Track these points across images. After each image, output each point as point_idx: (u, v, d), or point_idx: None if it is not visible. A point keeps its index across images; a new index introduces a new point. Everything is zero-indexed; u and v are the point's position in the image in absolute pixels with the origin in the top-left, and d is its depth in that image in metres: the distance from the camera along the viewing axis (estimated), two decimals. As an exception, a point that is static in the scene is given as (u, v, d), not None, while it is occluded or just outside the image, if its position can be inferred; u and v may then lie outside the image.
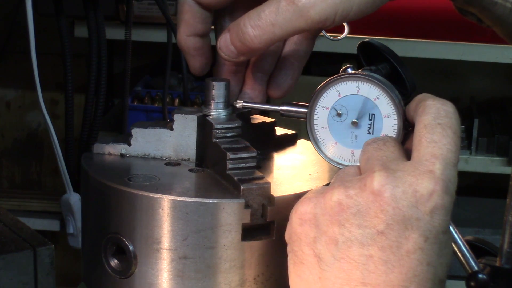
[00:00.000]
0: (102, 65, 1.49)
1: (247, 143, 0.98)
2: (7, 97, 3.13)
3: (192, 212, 0.92)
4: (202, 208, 0.92)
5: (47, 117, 1.37)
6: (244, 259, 0.94)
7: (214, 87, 1.03)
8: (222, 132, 1.00)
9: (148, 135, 1.04)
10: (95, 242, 1.04)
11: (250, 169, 0.96)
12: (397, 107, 0.94)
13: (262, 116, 1.11)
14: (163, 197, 0.94)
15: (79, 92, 1.49)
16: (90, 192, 1.05)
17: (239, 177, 0.94)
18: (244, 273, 0.95)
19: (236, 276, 0.95)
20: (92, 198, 1.05)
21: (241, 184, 0.93)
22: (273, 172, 1.03)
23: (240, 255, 0.93)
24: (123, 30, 1.61)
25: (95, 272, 1.05)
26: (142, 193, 0.95)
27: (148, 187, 0.96)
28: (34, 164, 3.17)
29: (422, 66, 2.96)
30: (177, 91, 2.82)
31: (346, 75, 0.95)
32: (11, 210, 1.37)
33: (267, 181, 0.94)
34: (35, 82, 1.32)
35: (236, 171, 0.95)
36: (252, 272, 0.95)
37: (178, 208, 0.93)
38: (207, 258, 0.94)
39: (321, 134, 0.97)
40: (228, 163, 0.95)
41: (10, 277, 0.93)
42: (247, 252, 0.94)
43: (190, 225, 0.93)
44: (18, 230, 1.07)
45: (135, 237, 0.99)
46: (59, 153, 1.39)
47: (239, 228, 0.93)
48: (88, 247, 1.08)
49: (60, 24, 1.46)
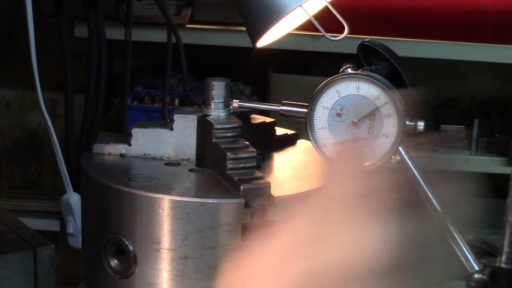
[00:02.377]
0: (102, 65, 1.49)
1: (247, 143, 0.98)
2: (7, 97, 3.13)
3: (192, 212, 0.92)
4: (202, 208, 0.92)
5: (47, 117, 1.37)
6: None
7: (214, 87, 1.03)
8: (222, 132, 1.00)
9: (148, 135, 1.04)
10: (95, 242, 1.04)
11: (250, 169, 0.96)
12: (397, 107, 0.94)
13: (262, 116, 1.11)
14: (163, 197, 0.94)
15: (79, 92, 1.49)
16: (90, 192, 1.05)
17: (239, 177, 0.94)
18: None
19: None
20: (92, 198, 1.05)
21: (241, 184, 0.93)
22: (273, 172, 1.03)
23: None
24: (123, 30, 1.60)
25: (95, 272, 1.05)
26: (142, 193, 0.95)
27: (148, 187, 0.96)
28: (34, 164, 3.17)
29: (422, 66, 2.96)
30: (177, 91, 2.82)
31: (346, 75, 0.95)
32: (11, 210, 1.36)
33: (267, 181, 0.93)
34: (35, 82, 1.32)
35: (236, 171, 0.95)
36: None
37: (178, 208, 0.93)
38: (207, 258, 0.94)
39: (321, 134, 0.97)
40: (228, 163, 0.95)
41: (10, 277, 0.93)
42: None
43: (190, 225, 0.92)
44: (18, 230, 1.06)
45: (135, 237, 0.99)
46: (59, 153, 1.39)
47: (239, 228, 0.92)
48: (88, 247, 1.08)
49: (60, 24, 1.46)
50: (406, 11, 2.73)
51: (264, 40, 1.06)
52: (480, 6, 2.70)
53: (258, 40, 1.04)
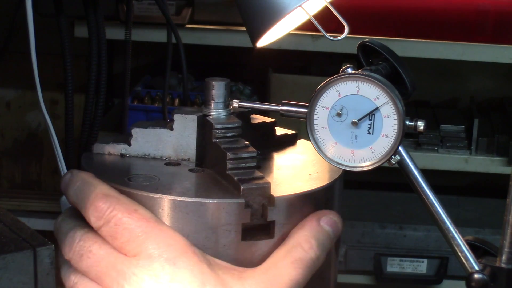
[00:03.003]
0: (102, 65, 1.49)
1: (247, 143, 0.98)
2: (7, 97, 3.13)
3: (192, 212, 0.92)
4: (202, 208, 0.92)
5: (47, 117, 1.37)
6: (245, 259, 0.93)
7: (214, 87, 1.03)
8: (222, 132, 0.99)
9: (148, 135, 1.04)
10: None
11: (250, 169, 0.96)
12: (397, 107, 0.94)
13: (262, 116, 1.11)
14: (163, 197, 0.93)
15: (79, 92, 1.49)
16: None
17: (239, 177, 0.94)
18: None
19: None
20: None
21: (241, 184, 0.92)
22: (273, 172, 1.03)
23: (240, 255, 0.93)
24: (123, 30, 1.60)
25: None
26: (142, 193, 0.94)
27: (148, 187, 0.96)
28: (34, 164, 3.17)
29: (422, 66, 2.96)
30: (177, 91, 2.82)
31: (346, 75, 0.95)
32: (11, 210, 1.36)
33: (267, 181, 0.93)
34: (35, 82, 1.32)
35: (236, 171, 0.95)
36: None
37: (178, 208, 0.93)
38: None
39: (321, 134, 0.97)
40: (228, 163, 0.95)
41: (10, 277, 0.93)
42: (247, 252, 0.93)
43: (190, 225, 0.92)
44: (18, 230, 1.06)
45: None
46: (59, 153, 1.39)
47: (239, 228, 0.92)
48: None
49: (60, 24, 1.45)
50: (406, 11, 2.73)
51: (264, 40, 1.06)
52: (480, 6, 2.70)
53: (258, 40, 1.04)
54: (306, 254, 0.91)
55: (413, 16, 2.73)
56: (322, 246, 0.92)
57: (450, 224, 0.99)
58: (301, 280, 0.90)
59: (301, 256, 0.90)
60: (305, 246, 0.91)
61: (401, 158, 0.98)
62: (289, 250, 0.91)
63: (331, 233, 0.94)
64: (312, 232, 0.92)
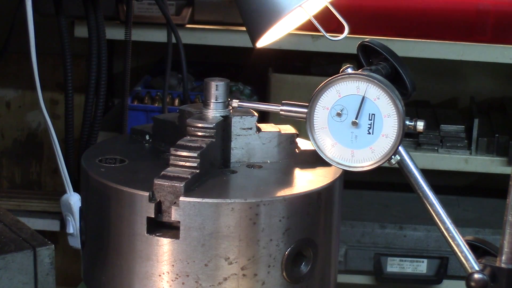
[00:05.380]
0: (102, 65, 1.49)
1: (205, 145, 0.98)
2: (7, 97, 3.13)
3: (115, 200, 0.97)
4: (119, 196, 0.96)
5: (47, 117, 1.37)
6: (150, 252, 0.95)
7: (214, 87, 1.03)
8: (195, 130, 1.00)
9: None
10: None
11: (189, 169, 0.96)
12: (397, 107, 0.94)
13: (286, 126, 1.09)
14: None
15: (79, 92, 1.49)
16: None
17: (167, 172, 0.95)
18: (151, 266, 0.96)
19: (142, 268, 0.96)
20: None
21: (155, 179, 0.94)
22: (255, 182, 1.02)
23: (145, 248, 0.95)
24: (123, 30, 1.61)
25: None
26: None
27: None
28: (34, 164, 3.17)
29: (422, 66, 2.96)
30: (177, 91, 2.82)
31: (346, 75, 0.95)
32: (11, 210, 1.36)
33: (183, 182, 0.94)
34: (35, 82, 1.32)
35: (174, 168, 0.96)
36: (158, 267, 0.96)
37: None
38: (117, 245, 0.97)
39: (321, 134, 0.97)
40: (169, 157, 0.97)
41: (10, 277, 0.93)
42: (153, 246, 0.95)
43: (115, 214, 0.96)
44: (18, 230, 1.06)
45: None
46: (59, 153, 1.39)
47: (144, 220, 0.94)
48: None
49: (60, 24, 1.46)
50: (406, 11, 2.73)
51: (264, 40, 1.06)
52: (480, 6, 2.69)
53: (258, 40, 1.05)
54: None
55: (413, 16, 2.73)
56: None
57: (450, 224, 0.99)
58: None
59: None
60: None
61: (401, 158, 0.98)
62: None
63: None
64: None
